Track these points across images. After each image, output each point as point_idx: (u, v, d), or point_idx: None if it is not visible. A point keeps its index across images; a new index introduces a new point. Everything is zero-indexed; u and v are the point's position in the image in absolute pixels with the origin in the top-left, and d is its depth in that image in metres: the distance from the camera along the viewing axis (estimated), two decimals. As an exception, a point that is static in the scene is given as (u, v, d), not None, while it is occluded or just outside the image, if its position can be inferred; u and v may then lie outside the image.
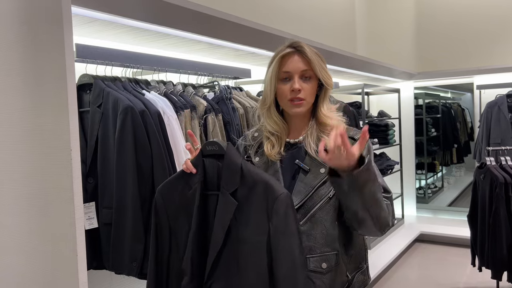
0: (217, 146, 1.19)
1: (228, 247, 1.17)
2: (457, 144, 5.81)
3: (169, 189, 1.27)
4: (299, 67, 1.27)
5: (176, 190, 1.25)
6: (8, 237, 1.50)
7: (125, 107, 1.65)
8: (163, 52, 2.31)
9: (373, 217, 1.14)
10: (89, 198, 1.73)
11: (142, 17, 1.72)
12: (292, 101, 1.29)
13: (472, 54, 5.01)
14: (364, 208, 1.12)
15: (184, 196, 1.23)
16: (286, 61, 1.29)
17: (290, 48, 1.29)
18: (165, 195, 1.27)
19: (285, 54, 1.29)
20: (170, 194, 1.26)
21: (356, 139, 1.28)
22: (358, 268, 1.34)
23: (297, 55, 1.28)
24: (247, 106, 2.41)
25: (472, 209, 3.12)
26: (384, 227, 1.17)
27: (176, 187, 1.25)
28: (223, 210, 1.16)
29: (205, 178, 1.21)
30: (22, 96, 1.39)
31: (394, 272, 3.92)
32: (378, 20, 5.43)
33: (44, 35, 1.30)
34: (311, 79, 1.29)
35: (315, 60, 1.27)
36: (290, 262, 1.12)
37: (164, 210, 1.26)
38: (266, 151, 1.33)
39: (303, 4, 3.94)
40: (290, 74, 1.28)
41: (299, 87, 1.26)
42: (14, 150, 1.44)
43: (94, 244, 1.73)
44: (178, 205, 1.25)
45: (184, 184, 1.24)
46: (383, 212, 1.15)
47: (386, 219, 1.16)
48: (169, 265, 1.26)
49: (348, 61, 3.42)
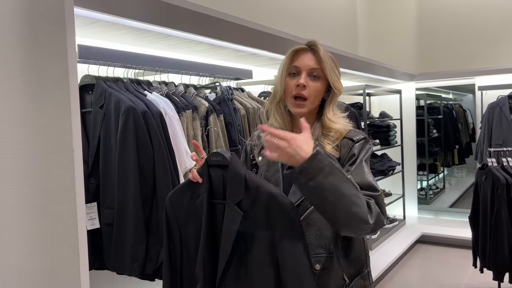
0: (221, 157, 1.22)
1: (237, 255, 1.20)
2: (458, 145, 5.80)
3: (178, 197, 1.30)
4: (308, 64, 1.28)
5: (184, 198, 1.29)
6: (9, 237, 1.50)
7: (127, 107, 1.65)
8: (165, 53, 2.31)
9: (344, 214, 1.09)
10: (91, 198, 1.73)
11: (144, 18, 1.73)
12: (295, 99, 1.29)
13: (473, 55, 5.00)
14: (331, 204, 1.08)
15: (192, 204, 1.27)
16: (297, 57, 1.30)
17: (305, 46, 1.31)
18: (174, 203, 1.30)
19: (298, 50, 1.30)
20: (179, 202, 1.29)
21: (354, 141, 1.27)
22: (359, 273, 1.32)
23: (310, 52, 1.29)
24: (249, 107, 2.42)
25: (473, 210, 3.12)
26: (363, 223, 1.10)
27: (185, 195, 1.29)
28: (229, 221, 1.18)
29: (211, 187, 1.24)
30: (24, 97, 1.40)
31: (396, 273, 3.91)
32: (380, 21, 5.43)
33: (46, 36, 1.31)
34: (320, 79, 1.29)
35: (327, 60, 1.28)
36: (296, 268, 1.14)
37: (174, 217, 1.30)
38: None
39: (304, 5, 3.94)
40: (298, 69, 1.29)
41: (304, 83, 1.26)
42: (16, 150, 1.45)
43: (96, 245, 1.73)
44: (187, 213, 1.28)
45: (191, 192, 1.28)
46: (355, 207, 1.08)
47: (361, 215, 1.09)
48: (182, 272, 1.30)
49: (349, 62, 3.42)
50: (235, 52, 2.46)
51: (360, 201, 1.10)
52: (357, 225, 1.11)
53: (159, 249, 1.69)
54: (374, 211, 1.13)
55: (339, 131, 1.28)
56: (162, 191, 1.69)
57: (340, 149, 1.27)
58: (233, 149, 2.18)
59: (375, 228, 1.13)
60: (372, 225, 1.12)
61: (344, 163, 1.25)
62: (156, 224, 1.70)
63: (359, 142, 1.26)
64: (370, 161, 1.31)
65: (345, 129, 1.29)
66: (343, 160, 1.25)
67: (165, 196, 1.68)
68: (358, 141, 1.26)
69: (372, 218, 1.11)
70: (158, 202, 1.70)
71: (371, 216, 1.12)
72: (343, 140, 1.28)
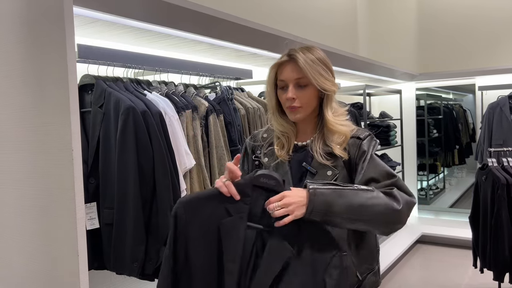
0: (274, 181, 1.11)
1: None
2: (458, 145, 5.80)
3: (196, 207, 1.11)
4: (292, 76, 1.29)
5: (203, 211, 1.10)
6: (9, 237, 1.50)
7: (127, 107, 1.65)
8: (164, 52, 2.31)
9: (372, 218, 1.13)
10: (91, 198, 1.73)
11: (144, 18, 1.72)
12: (289, 109, 1.31)
13: (474, 55, 5.00)
14: (356, 220, 1.12)
15: (214, 220, 1.10)
16: (282, 70, 1.31)
17: (286, 57, 1.31)
18: (189, 212, 1.11)
19: (281, 63, 1.31)
20: (195, 214, 1.11)
21: (361, 138, 1.29)
22: (370, 269, 1.34)
23: (291, 63, 1.29)
24: (249, 107, 2.41)
25: (473, 210, 3.11)
26: (393, 214, 1.14)
27: (204, 208, 1.11)
28: (274, 255, 1.07)
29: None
30: (23, 96, 1.40)
31: (396, 273, 3.91)
32: (380, 21, 5.43)
33: (45, 35, 1.30)
34: (308, 86, 1.29)
35: (309, 68, 1.27)
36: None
37: (184, 228, 1.10)
38: (276, 151, 1.34)
39: (305, 5, 3.94)
40: (285, 83, 1.31)
41: (292, 96, 1.28)
42: (16, 150, 1.44)
43: (95, 245, 1.73)
44: (203, 230, 1.10)
45: (216, 206, 1.10)
46: (376, 207, 1.12)
47: (386, 209, 1.13)
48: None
49: (349, 62, 3.42)
50: (235, 52, 2.45)
51: (378, 199, 1.13)
52: (389, 219, 1.15)
53: (159, 248, 1.69)
54: (399, 196, 1.16)
55: (343, 133, 1.30)
56: (162, 191, 1.69)
57: (349, 149, 1.29)
58: (233, 149, 2.18)
59: (407, 211, 1.17)
60: (403, 209, 1.14)
61: (357, 161, 1.27)
62: (155, 224, 1.70)
63: (366, 138, 1.29)
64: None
65: (347, 130, 1.30)
66: (354, 159, 1.27)
67: (165, 196, 1.69)
68: (365, 138, 1.29)
69: (399, 204, 1.14)
70: (158, 202, 1.70)
71: (398, 203, 1.14)
72: (350, 139, 1.29)
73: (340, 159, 1.27)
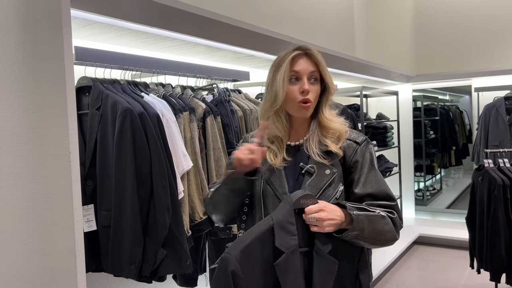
0: (312, 200, 1.17)
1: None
2: (455, 146, 5.83)
3: (248, 259, 1.06)
4: (308, 68, 1.29)
5: (255, 256, 1.07)
6: (7, 239, 1.50)
7: (124, 109, 1.65)
8: (162, 54, 2.31)
9: (380, 241, 1.25)
10: (88, 200, 1.73)
11: (141, 20, 1.73)
12: (301, 103, 1.28)
13: (470, 57, 5.02)
14: (371, 243, 1.23)
15: (268, 267, 1.08)
16: (295, 62, 1.29)
17: (298, 51, 1.31)
18: (245, 266, 1.04)
19: (295, 56, 1.30)
20: (249, 265, 1.05)
21: (358, 142, 1.30)
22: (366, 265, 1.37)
23: (306, 57, 1.30)
24: (246, 109, 2.42)
25: (470, 211, 3.13)
26: (393, 241, 1.27)
27: (255, 252, 1.07)
28: (324, 272, 1.13)
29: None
30: (21, 98, 1.40)
31: (393, 274, 3.92)
32: (377, 23, 5.45)
33: (43, 38, 1.31)
34: (317, 82, 1.31)
35: (323, 63, 1.30)
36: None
37: (245, 285, 1.05)
38: (270, 161, 1.31)
39: (301, 7, 3.95)
40: (299, 75, 1.29)
41: (308, 88, 1.28)
42: (13, 152, 1.44)
43: (93, 247, 1.72)
44: (261, 279, 1.08)
45: (264, 248, 1.08)
46: (387, 234, 1.24)
47: (392, 236, 1.25)
48: None
49: (346, 63, 3.43)
50: (232, 53, 2.46)
51: (389, 226, 1.23)
52: (389, 243, 1.28)
53: (156, 250, 1.69)
54: (399, 225, 1.27)
55: (338, 130, 1.31)
56: (159, 193, 1.69)
57: (345, 150, 1.30)
58: (230, 150, 2.18)
59: (398, 237, 1.29)
60: (399, 235, 1.28)
61: (351, 164, 1.30)
62: (153, 226, 1.70)
63: (363, 143, 1.31)
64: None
65: (343, 128, 1.32)
66: (349, 161, 1.30)
67: (162, 198, 1.69)
68: (361, 142, 1.31)
69: (398, 233, 1.27)
70: (155, 204, 1.70)
71: (397, 231, 1.27)
72: (347, 141, 1.31)
73: (336, 157, 1.28)
